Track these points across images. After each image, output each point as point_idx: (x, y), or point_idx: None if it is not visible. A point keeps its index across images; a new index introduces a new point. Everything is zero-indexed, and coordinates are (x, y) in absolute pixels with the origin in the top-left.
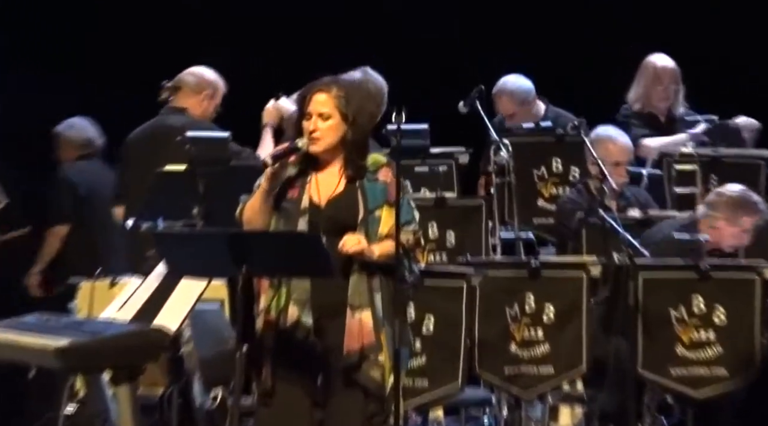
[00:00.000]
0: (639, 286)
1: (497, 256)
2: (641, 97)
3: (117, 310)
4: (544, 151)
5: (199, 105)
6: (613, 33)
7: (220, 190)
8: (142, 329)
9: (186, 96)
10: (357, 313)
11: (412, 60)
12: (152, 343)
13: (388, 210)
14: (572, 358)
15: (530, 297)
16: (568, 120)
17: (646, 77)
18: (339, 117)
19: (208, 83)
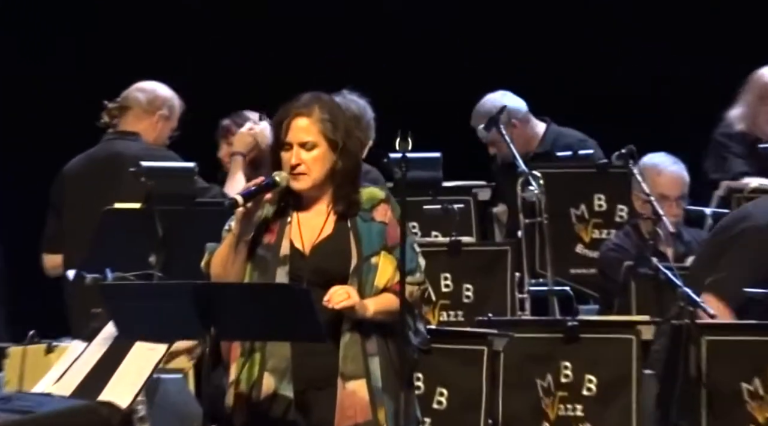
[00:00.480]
0: (702, 353)
1: (526, 314)
2: (746, 118)
3: (54, 381)
4: (584, 185)
5: (153, 128)
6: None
7: (183, 233)
8: (86, 405)
9: (136, 118)
10: (349, 384)
11: (424, 79)
12: (98, 424)
13: (387, 257)
14: None
15: (567, 365)
16: (573, 140)
17: (753, 94)
18: (326, 145)
19: (162, 101)
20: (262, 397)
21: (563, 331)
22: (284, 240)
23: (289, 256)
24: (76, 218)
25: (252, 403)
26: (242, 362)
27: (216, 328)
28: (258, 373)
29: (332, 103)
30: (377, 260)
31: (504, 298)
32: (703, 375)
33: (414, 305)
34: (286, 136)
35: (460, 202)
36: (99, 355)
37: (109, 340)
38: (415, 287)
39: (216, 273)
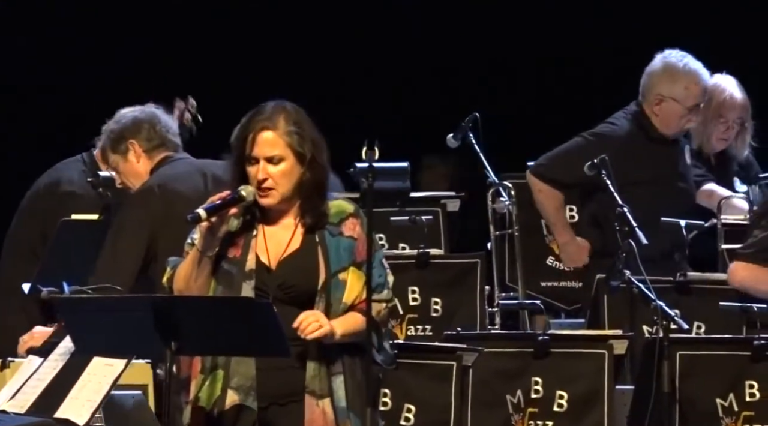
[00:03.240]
0: (676, 368)
1: (496, 328)
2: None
3: (8, 398)
4: None
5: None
6: None
7: None
8: (42, 424)
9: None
10: (320, 402)
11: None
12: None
13: (356, 273)
14: None
15: (538, 381)
16: None
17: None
18: (293, 158)
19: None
20: (224, 412)
21: (534, 345)
22: (250, 254)
23: (254, 270)
24: None
25: (212, 420)
26: (202, 379)
27: (177, 343)
28: (221, 390)
29: (298, 113)
30: (345, 276)
31: (473, 312)
32: (677, 390)
33: (381, 324)
34: (251, 151)
35: (428, 213)
36: (55, 371)
37: (66, 356)
38: (383, 305)
39: (179, 288)
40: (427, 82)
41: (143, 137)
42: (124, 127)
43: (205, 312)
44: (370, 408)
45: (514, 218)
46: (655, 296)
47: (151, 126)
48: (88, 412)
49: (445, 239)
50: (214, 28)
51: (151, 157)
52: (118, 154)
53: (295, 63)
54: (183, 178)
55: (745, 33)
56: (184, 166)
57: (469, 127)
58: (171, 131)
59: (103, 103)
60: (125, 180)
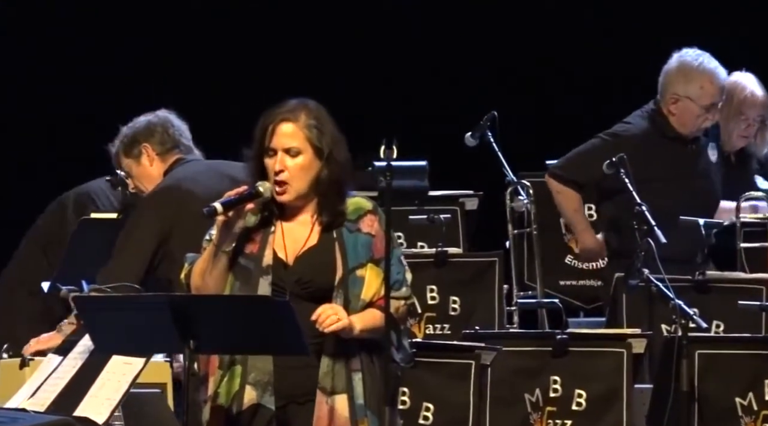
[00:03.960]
0: (695, 367)
1: (514, 327)
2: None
3: (28, 396)
4: None
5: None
6: None
7: None
8: (61, 422)
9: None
10: (329, 400)
11: (407, 81)
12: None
13: (374, 269)
14: None
15: (556, 379)
16: None
17: (729, 106)
18: (311, 152)
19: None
20: (242, 410)
21: (552, 344)
22: (267, 250)
23: (272, 266)
24: None
25: (231, 417)
26: (221, 375)
27: (195, 342)
28: (239, 385)
29: (319, 110)
30: (363, 273)
31: (492, 311)
32: (696, 389)
33: (399, 321)
34: (270, 142)
35: (446, 212)
36: (74, 369)
37: (85, 354)
38: (402, 302)
39: (196, 284)
40: (445, 81)
41: (156, 141)
42: (137, 131)
43: (223, 310)
44: (388, 406)
45: (533, 217)
46: (674, 295)
47: (164, 130)
48: (108, 411)
49: (464, 238)
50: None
51: (165, 160)
52: (131, 158)
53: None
54: (196, 178)
55: (764, 30)
56: (197, 166)
57: (487, 126)
58: (184, 135)
59: (106, 103)
60: (138, 184)
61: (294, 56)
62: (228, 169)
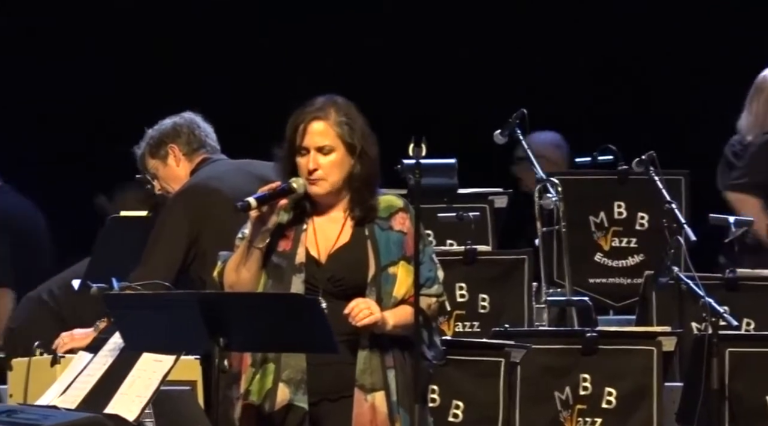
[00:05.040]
0: (725, 365)
1: (543, 325)
2: (755, 126)
3: (59, 394)
4: (604, 192)
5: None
6: None
7: None
8: (92, 419)
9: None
10: (369, 397)
11: (435, 79)
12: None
13: (406, 267)
14: None
15: (586, 377)
16: None
17: (760, 99)
18: (343, 149)
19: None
20: (275, 408)
21: (582, 342)
22: (300, 247)
23: (304, 263)
24: None
25: (263, 416)
26: (253, 373)
27: (225, 339)
28: (272, 383)
29: (348, 106)
30: (395, 270)
31: (521, 309)
32: (726, 388)
33: (431, 318)
34: (302, 141)
35: (475, 210)
36: (105, 366)
37: (116, 352)
38: (433, 299)
39: (229, 281)
40: (475, 78)
41: (183, 141)
42: (163, 133)
43: (253, 308)
44: (419, 404)
45: (562, 214)
46: (704, 293)
47: (190, 130)
48: (138, 408)
49: (493, 235)
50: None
51: (191, 160)
52: (157, 159)
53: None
54: (223, 177)
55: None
56: (223, 165)
57: (516, 124)
58: (210, 136)
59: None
60: (165, 185)
61: (321, 53)
62: (255, 168)
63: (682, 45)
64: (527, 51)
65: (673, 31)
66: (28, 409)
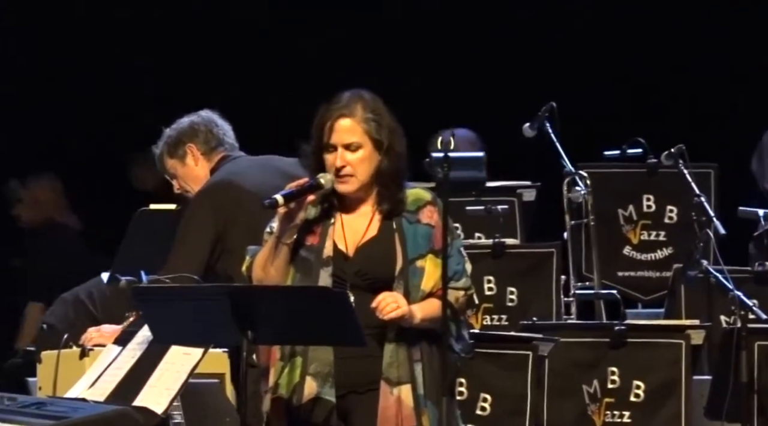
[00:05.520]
0: (754, 358)
1: (572, 318)
2: None
3: (88, 386)
4: (633, 185)
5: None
6: None
7: None
8: (121, 411)
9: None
10: (395, 390)
11: (464, 72)
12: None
13: (433, 261)
14: None
15: (614, 371)
16: None
17: None
18: (371, 145)
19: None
20: (303, 402)
21: (610, 335)
22: (327, 241)
23: (332, 257)
24: None
25: (291, 409)
26: (281, 366)
27: (253, 333)
28: (299, 376)
29: (375, 101)
30: (423, 263)
31: (549, 302)
32: (755, 381)
33: (459, 311)
34: (329, 139)
35: (504, 203)
36: (134, 359)
37: (144, 345)
38: (461, 293)
39: (257, 276)
40: (503, 71)
41: (201, 140)
42: (181, 132)
43: (281, 301)
44: (446, 397)
45: (590, 207)
46: (733, 286)
47: (208, 129)
48: (167, 401)
49: (521, 229)
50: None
51: (210, 159)
52: (176, 158)
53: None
54: (246, 173)
55: None
56: (245, 162)
57: (545, 117)
58: (228, 134)
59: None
60: (183, 184)
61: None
62: (277, 163)
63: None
64: (556, 42)
65: (706, 22)
66: (57, 401)
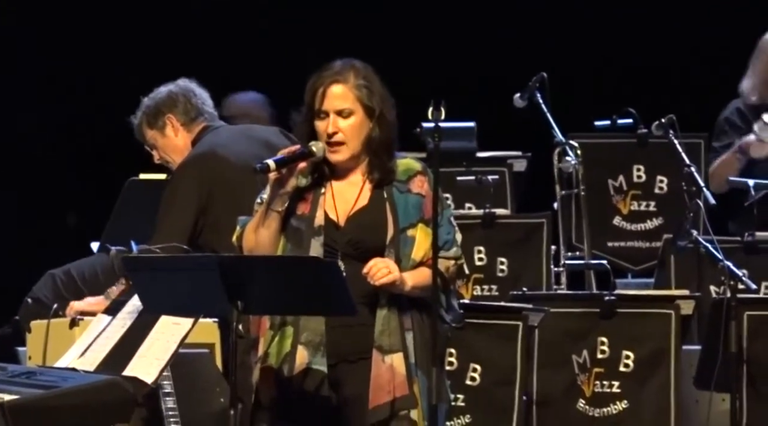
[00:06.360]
0: (744, 328)
1: (562, 288)
2: (757, 87)
3: (78, 356)
4: (623, 155)
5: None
6: None
7: None
8: (111, 381)
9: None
10: (387, 358)
11: (453, 41)
12: (123, 399)
13: (424, 230)
14: (657, 418)
15: (603, 341)
16: None
17: (763, 60)
18: (362, 112)
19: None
20: (294, 372)
21: (600, 306)
22: (318, 210)
23: (323, 226)
24: None
25: (282, 379)
26: (272, 336)
27: (243, 303)
28: (290, 346)
29: (367, 69)
30: (414, 233)
31: (539, 272)
32: (744, 351)
33: (449, 281)
34: (321, 105)
35: (494, 173)
36: (123, 329)
37: (134, 315)
38: (452, 262)
39: (248, 245)
40: (494, 41)
41: (180, 111)
42: (159, 102)
43: (271, 271)
44: (436, 366)
45: (580, 178)
46: (723, 256)
47: (186, 99)
48: (156, 370)
49: (511, 199)
50: None
51: (190, 129)
52: (155, 129)
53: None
54: (228, 144)
55: None
56: (227, 132)
57: (536, 87)
58: (207, 103)
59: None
60: (164, 155)
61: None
62: (259, 133)
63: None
64: (547, 13)
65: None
66: (47, 371)
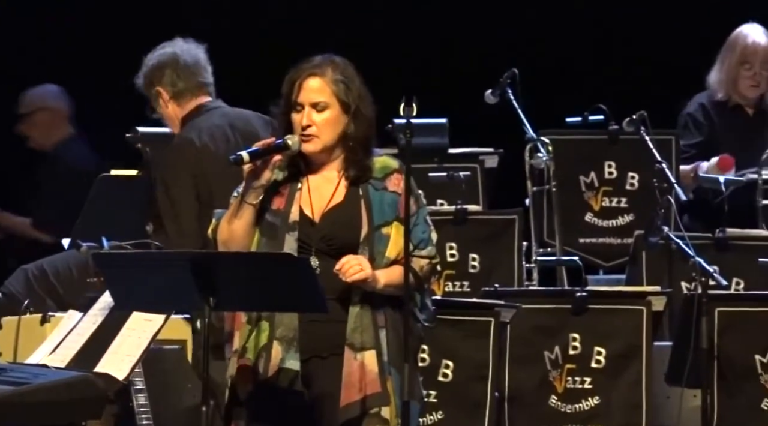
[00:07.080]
0: (715, 324)
1: (533, 284)
2: (726, 83)
3: (49, 352)
4: (594, 152)
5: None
6: None
7: None
8: (82, 377)
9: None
10: (359, 355)
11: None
12: (94, 396)
13: (399, 228)
14: (629, 413)
15: (575, 337)
16: None
17: (732, 56)
18: (338, 107)
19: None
20: (269, 367)
21: (572, 302)
22: (294, 206)
23: (298, 222)
24: None
25: (257, 373)
26: (249, 330)
27: (215, 299)
28: (267, 340)
29: (346, 65)
30: (389, 231)
31: (511, 269)
32: (715, 347)
33: (423, 280)
34: (297, 97)
35: (466, 170)
36: (95, 325)
37: (106, 311)
38: (426, 261)
39: (222, 238)
40: (466, 38)
41: (167, 82)
42: (150, 73)
43: (243, 267)
44: (409, 364)
45: (552, 174)
46: (694, 252)
47: (173, 70)
48: (128, 367)
49: (483, 195)
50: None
51: (180, 104)
52: (151, 98)
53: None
54: (212, 132)
55: None
56: (217, 118)
57: (507, 83)
58: (198, 73)
59: None
60: (166, 122)
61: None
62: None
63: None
64: (518, 9)
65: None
66: (17, 367)
